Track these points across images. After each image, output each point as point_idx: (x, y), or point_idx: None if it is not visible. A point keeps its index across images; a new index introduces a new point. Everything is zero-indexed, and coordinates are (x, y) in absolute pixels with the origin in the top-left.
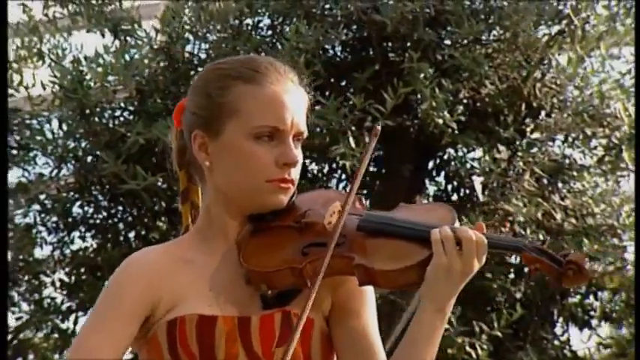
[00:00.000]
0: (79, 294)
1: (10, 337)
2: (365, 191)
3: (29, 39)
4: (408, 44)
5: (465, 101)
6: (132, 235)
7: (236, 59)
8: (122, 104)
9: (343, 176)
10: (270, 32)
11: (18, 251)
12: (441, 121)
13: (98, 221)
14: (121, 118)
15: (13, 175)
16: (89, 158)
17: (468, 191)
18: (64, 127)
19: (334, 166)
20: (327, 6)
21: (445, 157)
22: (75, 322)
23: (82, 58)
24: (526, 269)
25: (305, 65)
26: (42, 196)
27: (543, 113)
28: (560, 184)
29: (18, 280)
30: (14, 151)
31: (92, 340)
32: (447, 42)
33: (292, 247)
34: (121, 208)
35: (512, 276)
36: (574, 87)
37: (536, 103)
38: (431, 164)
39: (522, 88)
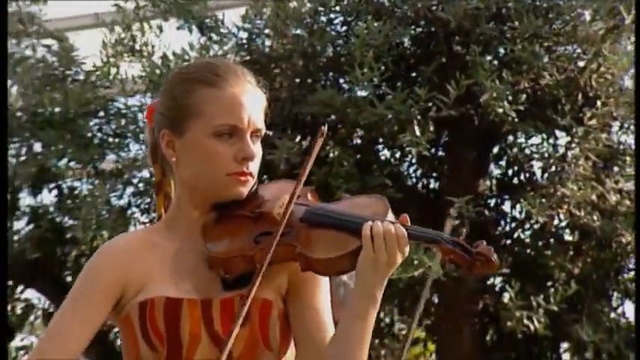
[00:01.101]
0: None
1: None
2: (434, 174)
3: (123, 37)
4: (471, 39)
5: (524, 91)
6: None
7: (199, 64)
8: None
9: (413, 160)
10: (343, 28)
11: (112, 230)
12: (501, 110)
13: None
14: None
15: (109, 161)
16: None
17: (527, 175)
18: None
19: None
20: (396, 4)
21: (506, 143)
22: None
23: (170, 54)
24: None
25: (374, 59)
26: (135, 180)
27: (599, 102)
28: (615, 169)
29: None
30: (110, 139)
31: (63, 322)
32: (508, 36)
33: (246, 236)
34: None
35: (571, 253)
36: (628, 77)
37: (593, 92)
38: (495, 149)
39: (579, 79)
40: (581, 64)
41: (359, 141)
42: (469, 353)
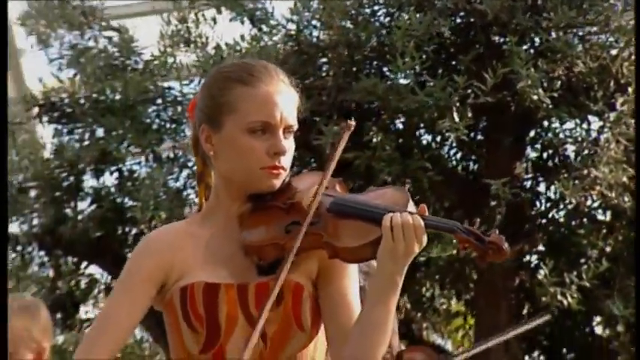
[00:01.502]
0: None
1: None
2: (473, 157)
3: (179, 28)
4: (508, 29)
5: (559, 79)
6: None
7: (236, 63)
8: None
9: (453, 144)
10: (386, 19)
11: (169, 211)
12: (536, 97)
13: None
14: None
15: (166, 145)
16: None
17: (561, 158)
18: None
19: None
20: None
21: (541, 128)
22: None
23: (223, 45)
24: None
25: (415, 49)
26: (190, 163)
27: (630, 89)
28: None
29: None
30: (167, 125)
31: (112, 311)
32: (543, 26)
33: (278, 225)
34: None
35: (603, 232)
36: None
37: (624, 79)
38: (530, 134)
39: (611, 67)
40: (614, 52)
41: (400, 126)
42: (506, 326)
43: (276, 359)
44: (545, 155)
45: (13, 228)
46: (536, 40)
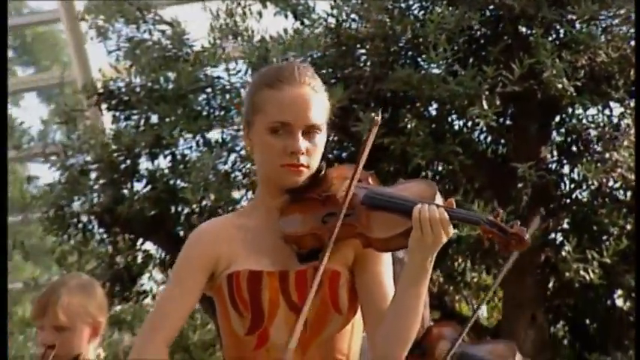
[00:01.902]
0: None
1: None
2: (502, 141)
3: (227, 22)
4: (534, 22)
5: (582, 68)
6: None
7: (271, 68)
8: None
9: (483, 129)
10: (420, 13)
11: (218, 192)
12: (561, 85)
13: None
14: None
15: (215, 131)
16: None
17: (584, 142)
18: None
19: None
20: None
21: (565, 114)
22: None
23: (268, 37)
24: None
25: (447, 41)
26: (237, 148)
27: None
28: None
29: (218, 215)
30: (216, 112)
31: (169, 296)
32: (567, 19)
33: (315, 216)
34: None
35: (624, 211)
36: None
37: None
38: (555, 120)
39: (631, 57)
40: (634, 43)
41: (433, 113)
42: (532, 299)
43: (315, 340)
44: (569, 140)
45: (75, 207)
46: (561, 32)
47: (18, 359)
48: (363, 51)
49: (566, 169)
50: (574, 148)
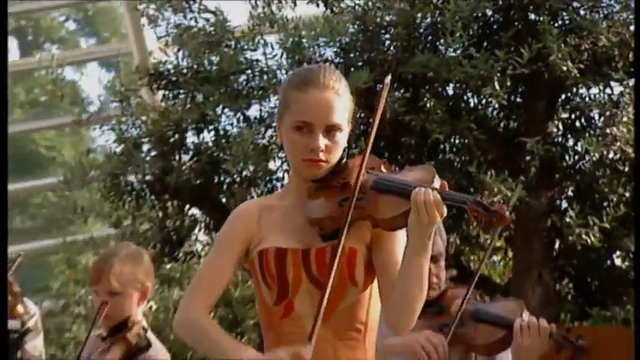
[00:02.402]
0: None
1: None
2: (513, 117)
3: (265, 10)
4: (542, 10)
5: (585, 52)
6: None
7: (302, 69)
8: (329, 58)
9: (495, 107)
10: (439, 2)
11: (256, 164)
12: (565, 67)
13: None
14: None
15: (254, 109)
16: None
17: (587, 119)
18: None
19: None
20: None
21: (570, 93)
22: None
23: (301, 25)
24: None
25: (462, 28)
26: (274, 123)
27: None
28: None
29: (256, 184)
30: (255, 92)
31: (210, 266)
32: (572, 7)
33: (334, 200)
34: None
35: (623, 180)
36: None
37: None
38: (561, 98)
39: (630, 41)
40: (632, 28)
41: (450, 93)
42: (539, 260)
43: (335, 310)
44: (573, 116)
45: (130, 176)
46: (566, 18)
47: (81, 304)
48: (387, 37)
49: (570, 143)
50: (577, 124)
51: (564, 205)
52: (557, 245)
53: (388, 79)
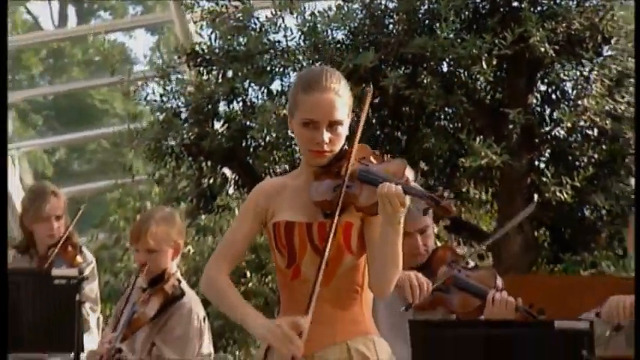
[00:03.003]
0: None
1: None
2: (499, 89)
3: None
4: None
5: (561, 34)
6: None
7: (308, 71)
8: (340, 40)
9: (484, 81)
10: None
11: (277, 132)
12: (543, 49)
13: None
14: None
15: (276, 84)
16: None
17: (562, 92)
18: (307, 55)
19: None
20: None
21: (548, 70)
22: None
23: (317, 12)
24: None
25: (455, 14)
26: None
27: (612, 41)
28: (622, 88)
29: (278, 148)
30: (276, 69)
31: (234, 233)
32: None
33: (330, 185)
34: None
35: (592, 144)
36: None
37: (608, 34)
38: (540, 74)
39: (599, 25)
40: (601, 14)
41: (445, 70)
42: (520, 212)
43: (335, 274)
44: (549, 90)
45: (170, 141)
46: (545, 5)
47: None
48: (390, 21)
49: (547, 113)
50: (553, 97)
51: (542, 166)
52: (535, 200)
53: (370, 88)
